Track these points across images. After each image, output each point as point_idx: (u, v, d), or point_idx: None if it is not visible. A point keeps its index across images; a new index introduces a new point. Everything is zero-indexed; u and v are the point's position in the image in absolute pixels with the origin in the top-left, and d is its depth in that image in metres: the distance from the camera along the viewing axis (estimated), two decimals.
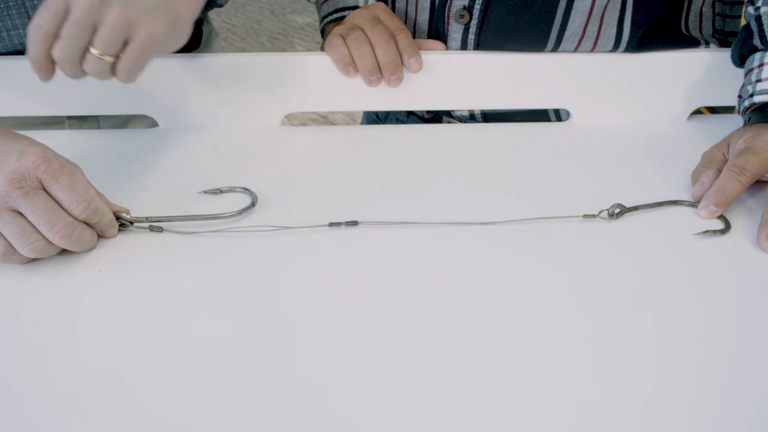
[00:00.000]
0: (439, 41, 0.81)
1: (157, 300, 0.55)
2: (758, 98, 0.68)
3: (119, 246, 0.61)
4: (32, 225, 0.54)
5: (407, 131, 0.84)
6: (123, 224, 0.62)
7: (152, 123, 0.81)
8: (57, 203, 0.55)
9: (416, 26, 0.83)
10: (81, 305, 0.54)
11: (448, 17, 0.79)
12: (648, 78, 0.80)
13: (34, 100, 0.77)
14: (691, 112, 0.82)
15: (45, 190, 0.55)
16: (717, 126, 0.77)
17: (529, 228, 0.63)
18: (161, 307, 0.54)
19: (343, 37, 0.77)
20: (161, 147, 0.77)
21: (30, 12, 0.75)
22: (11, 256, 0.56)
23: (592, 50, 0.79)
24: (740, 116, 0.72)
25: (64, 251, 0.58)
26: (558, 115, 0.86)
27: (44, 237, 0.55)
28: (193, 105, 0.79)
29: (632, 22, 0.77)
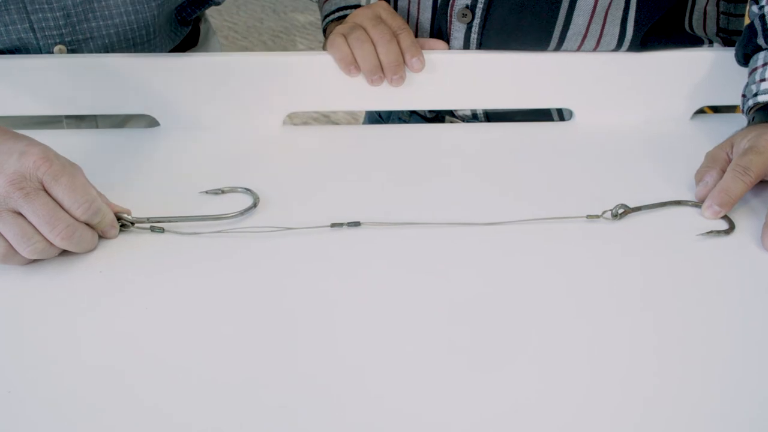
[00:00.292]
0: (442, 40, 0.81)
1: (158, 301, 0.55)
2: (762, 97, 0.68)
3: (120, 247, 0.60)
4: (33, 226, 0.54)
5: (409, 131, 0.84)
6: (124, 225, 0.62)
7: (150, 122, 0.81)
8: (58, 204, 0.55)
9: (418, 25, 0.83)
10: (82, 306, 0.54)
11: (451, 16, 0.79)
12: (651, 77, 0.80)
13: (33, 100, 0.77)
14: (695, 112, 0.82)
15: (46, 191, 0.55)
16: (720, 125, 0.77)
17: (533, 228, 0.62)
18: (162, 308, 0.54)
19: (345, 36, 0.77)
20: (162, 147, 0.77)
21: (28, 7, 0.74)
22: (12, 257, 0.55)
23: (595, 49, 0.79)
24: (744, 115, 0.72)
25: (65, 252, 0.58)
26: (561, 115, 0.86)
27: (45, 238, 0.55)
28: (195, 104, 0.79)
29: (636, 21, 0.77)
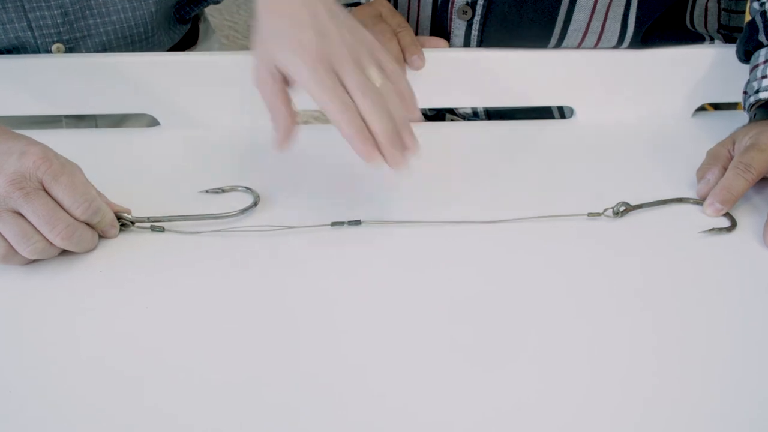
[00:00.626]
0: (442, 38, 0.80)
1: (159, 300, 0.55)
2: (763, 94, 0.68)
3: (120, 246, 0.60)
4: (33, 226, 0.54)
5: None
6: (124, 224, 0.61)
7: (149, 122, 0.81)
8: (58, 204, 0.55)
9: (419, 23, 0.83)
10: (82, 306, 0.54)
11: (451, 13, 0.79)
12: (652, 74, 0.80)
13: (32, 99, 0.77)
14: (696, 109, 0.82)
15: (46, 191, 0.55)
16: (722, 123, 0.76)
17: (534, 226, 0.62)
18: (163, 308, 0.54)
19: None
20: (162, 146, 0.76)
21: (25, 6, 0.74)
22: (12, 257, 0.55)
23: (596, 46, 0.79)
24: (746, 113, 0.71)
25: (65, 252, 0.58)
26: (561, 113, 0.86)
27: (45, 238, 0.55)
28: (195, 103, 0.79)
29: (637, 18, 0.76)
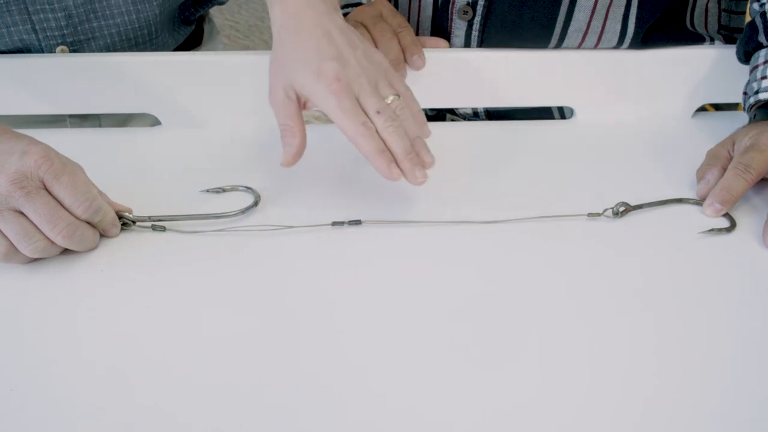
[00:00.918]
0: (442, 39, 0.80)
1: (160, 299, 0.55)
2: (763, 95, 0.68)
3: (121, 245, 0.60)
4: (34, 225, 0.54)
5: None
6: (125, 223, 0.62)
7: (153, 121, 0.81)
8: (59, 203, 0.55)
9: (419, 23, 0.83)
10: (83, 305, 0.54)
11: (452, 14, 0.79)
12: (652, 75, 0.80)
13: (36, 99, 0.77)
14: (696, 109, 0.82)
15: (47, 190, 0.55)
16: (722, 123, 0.76)
17: (534, 227, 0.62)
18: (163, 307, 0.54)
19: None
20: (164, 145, 0.77)
21: (29, 8, 0.74)
22: (13, 256, 0.55)
23: (596, 46, 0.79)
24: (745, 113, 0.71)
25: (67, 251, 0.58)
26: (562, 113, 0.86)
27: (46, 237, 0.55)
28: (196, 103, 0.79)
29: (637, 18, 0.76)
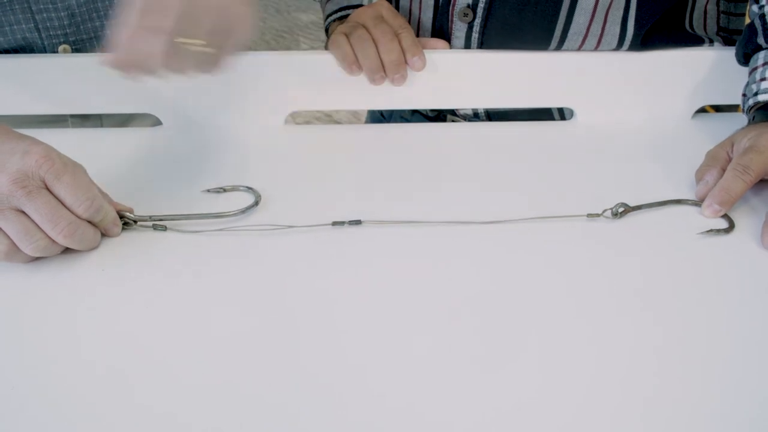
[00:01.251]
0: (443, 40, 0.81)
1: (160, 299, 0.55)
2: (762, 97, 0.68)
3: (122, 245, 0.61)
4: (35, 224, 0.55)
5: (411, 130, 0.84)
6: (126, 223, 0.62)
7: (154, 121, 0.81)
8: (60, 202, 0.55)
9: (420, 24, 0.83)
10: (84, 304, 0.54)
11: (452, 15, 0.79)
12: (652, 76, 0.80)
13: (37, 99, 0.77)
14: (696, 111, 0.82)
15: (48, 190, 0.55)
16: (721, 124, 0.76)
17: (533, 227, 0.62)
18: (164, 306, 0.54)
19: (347, 36, 0.77)
20: (165, 145, 0.77)
21: (33, 7, 0.74)
22: (15, 255, 0.56)
23: (596, 49, 0.79)
24: (744, 115, 0.72)
25: (68, 250, 0.58)
26: (562, 114, 0.86)
27: (47, 236, 0.55)
28: (197, 103, 0.79)
29: (636, 21, 0.77)
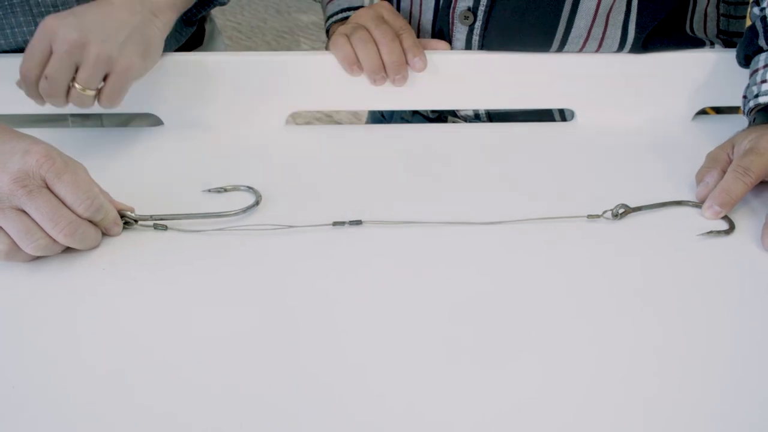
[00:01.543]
0: (444, 41, 0.81)
1: (161, 298, 0.55)
2: (763, 99, 0.68)
3: (123, 244, 0.61)
4: (36, 223, 0.55)
5: (412, 131, 0.84)
6: (127, 222, 0.62)
7: (155, 121, 0.82)
8: (61, 201, 0.56)
9: (420, 26, 0.83)
10: (84, 303, 0.54)
11: (453, 18, 0.79)
12: (653, 78, 0.80)
13: None
14: (696, 113, 0.82)
15: (49, 189, 0.55)
16: (722, 126, 0.77)
17: (534, 228, 0.63)
18: (165, 306, 0.54)
19: (348, 37, 0.77)
20: (166, 145, 0.77)
21: (33, 10, 0.75)
22: (15, 254, 0.56)
23: (597, 52, 0.79)
24: (745, 117, 0.72)
25: (69, 249, 0.58)
26: (562, 115, 0.86)
27: (48, 235, 0.55)
28: (198, 103, 0.79)
29: (637, 24, 0.77)
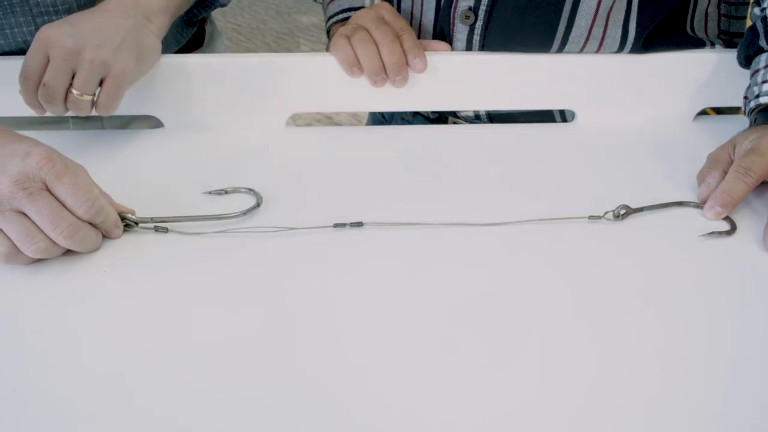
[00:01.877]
0: (444, 42, 0.81)
1: (161, 300, 0.55)
2: (764, 99, 0.68)
3: (124, 246, 0.61)
4: (36, 225, 0.54)
5: (413, 132, 0.84)
6: (128, 225, 0.62)
7: (155, 123, 0.82)
8: (61, 204, 0.55)
9: (421, 27, 0.83)
10: (85, 305, 0.54)
11: (453, 18, 0.79)
12: (653, 79, 0.80)
13: None
14: (697, 113, 0.82)
15: (49, 191, 0.55)
16: (723, 127, 0.77)
17: (535, 229, 0.62)
18: (165, 308, 0.54)
19: (348, 38, 0.77)
20: (166, 147, 0.77)
21: (33, 10, 0.75)
22: (16, 257, 0.56)
23: (597, 52, 0.79)
24: (746, 117, 0.72)
25: (69, 251, 0.58)
26: (563, 116, 0.86)
27: (48, 237, 0.55)
28: (199, 105, 0.79)
29: (638, 23, 0.77)
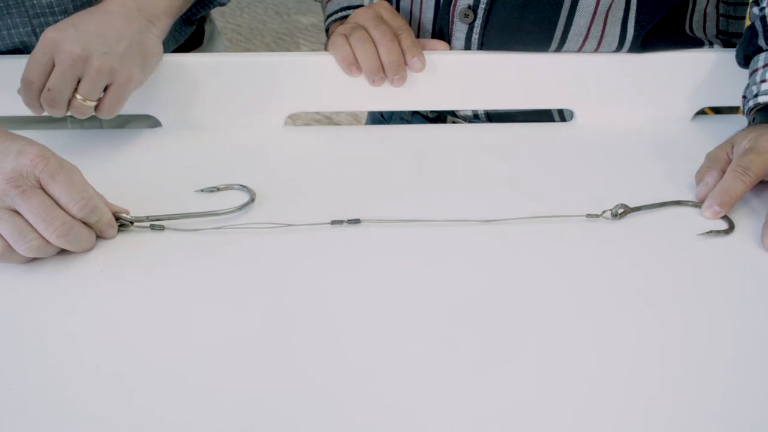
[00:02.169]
0: (443, 41, 0.81)
1: (158, 299, 0.55)
2: (762, 98, 0.68)
3: (120, 245, 0.60)
4: (29, 224, 0.54)
5: (411, 131, 0.84)
6: (123, 224, 0.62)
7: (154, 123, 0.81)
8: (55, 202, 0.55)
9: (420, 25, 0.83)
10: (81, 305, 0.54)
11: (453, 16, 0.79)
12: (652, 78, 0.80)
13: None
14: (696, 113, 0.82)
15: (43, 189, 0.55)
16: (721, 126, 0.76)
17: (533, 227, 0.62)
18: (162, 307, 0.54)
19: (347, 37, 0.77)
20: (164, 147, 0.77)
21: (29, 11, 0.75)
22: (10, 256, 0.55)
23: (596, 50, 0.79)
24: (745, 116, 0.72)
25: (65, 251, 0.58)
26: (562, 115, 0.86)
27: (41, 236, 0.55)
28: (197, 105, 0.79)
29: (636, 22, 0.77)
